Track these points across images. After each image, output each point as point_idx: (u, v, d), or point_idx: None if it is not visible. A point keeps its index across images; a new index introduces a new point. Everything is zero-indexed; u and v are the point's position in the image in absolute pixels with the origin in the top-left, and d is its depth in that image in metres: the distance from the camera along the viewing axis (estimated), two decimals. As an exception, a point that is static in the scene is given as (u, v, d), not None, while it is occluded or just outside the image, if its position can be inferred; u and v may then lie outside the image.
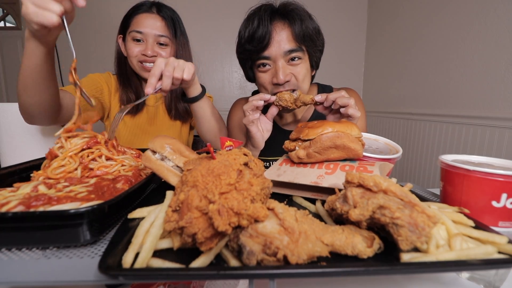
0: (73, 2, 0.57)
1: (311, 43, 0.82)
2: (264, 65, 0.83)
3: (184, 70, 0.70)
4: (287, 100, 0.75)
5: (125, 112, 0.67)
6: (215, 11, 2.41)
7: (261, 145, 0.82)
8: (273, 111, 0.79)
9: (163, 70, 0.67)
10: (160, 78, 0.69)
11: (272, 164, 1.04)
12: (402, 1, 2.02)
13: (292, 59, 0.81)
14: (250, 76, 0.93)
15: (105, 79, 1.05)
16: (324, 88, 1.05)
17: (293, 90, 0.80)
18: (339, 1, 2.47)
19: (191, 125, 1.22)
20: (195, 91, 0.81)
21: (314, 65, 0.90)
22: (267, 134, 0.82)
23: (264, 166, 1.05)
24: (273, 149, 0.96)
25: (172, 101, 1.09)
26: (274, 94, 0.79)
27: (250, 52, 0.82)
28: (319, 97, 0.72)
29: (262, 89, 0.88)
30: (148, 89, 0.67)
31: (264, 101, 0.76)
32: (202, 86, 0.84)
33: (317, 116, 1.04)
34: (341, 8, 2.47)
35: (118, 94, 1.05)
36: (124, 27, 1.02)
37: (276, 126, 1.06)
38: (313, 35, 0.82)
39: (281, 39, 0.79)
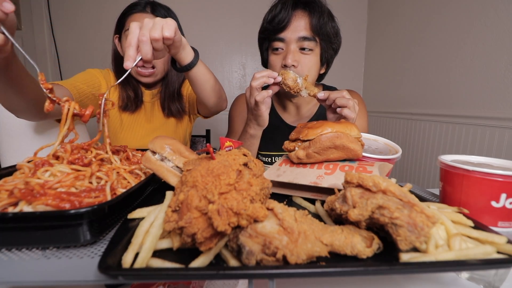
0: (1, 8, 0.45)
1: (326, 38, 0.88)
2: (277, 49, 0.89)
3: (162, 27, 0.58)
4: (290, 86, 0.75)
5: (106, 93, 0.61)
6: (215, 11, 2.40)
7: (266, 122, 0.83)
8: (275, 88, 0.79)
9: (138, 35, 0.57)
10: None
11: (275, 159, 1.08)
12: (402, 1, 2.02)
13: (304, 48, 0.87)
14: (265, 59, 0.99)
15: (104, 76, 1.05)
16: (328, 89, 1.09)
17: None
18: (339, 1, 2.46)
19: (190, 118, 1.21)
20: (186, 56, 0.70)
21: (324, 61, 0.94)
22: (268, 111, 0.82)
23: (268, 161, 1.09)
24: (277, 144, 0.98)
25: (165, 100, 1.10)
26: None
27: (269, 32, 0.88)
28: (321, 95, 0.74)
29: None
30: (127, 62, 0.56)
31: (273, 79, 0.75)
32: (194, 50, 0.73)
33: (321, 114, 1.08)
34: (341, 8, 2.47)
35: (117, 91, 1.06)
36: (120, 27, 1.01)
37: (281, 122, 1.10)
38: (330, 32, 0.88)
39: (298, 25, 0.85)
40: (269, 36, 0.90)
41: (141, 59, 0.59)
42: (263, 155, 1.10)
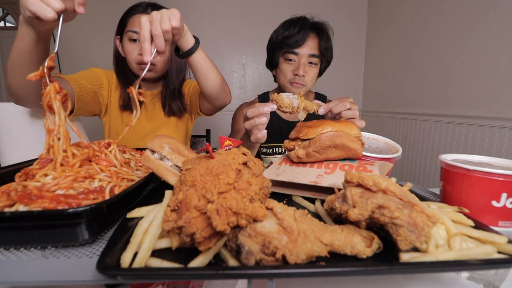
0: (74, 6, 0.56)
1: (325, 54, 1.11)
2: (290, 59, 1.10)
3: (170, 19, 0.64)
4: (288, 111, 0.71)
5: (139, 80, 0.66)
6: (215, 11, 2.40)
7: (264, 140, 0.78)
8: (264, 121, 0.74)
9: (151, 29, 0.63)
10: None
11: (276, 150, 1.19)
12: (402, 1, 2.02)
13: (310, 62, 1.09)
14: (273, 63, 1.16)
15: (107, 75, 1.08)
16: (319, 97, 1.28)
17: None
18: (339, 1, 2.46)
19: (191, 117, 1.22)
20: (187, 42, 0.77)
21: (321, 71, 1.17)
22: (264, 133, 0.76)
23: (269, 152, 1.18)
24: (274, 138, 1.12)
25: (166, 98, 1.12)
26: (287, 85, 1.07)
27: (286, 45, 1.07)
28: (322, 111, 0.72)
29: (281, 76, 1.12)
30: (146, 56, 0.63)
31: (264, 115, 0.71)
32: (195, 38, 0.80)
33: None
34: (341, 8, 2.47)
35: (118, 91, 1.08)
36: (121, 28, 1.04)
37: (276, 117, 1.19)
38: (328, 50, 1.12)
39: (311, 45, 1.07)
40: (284, 48, 1.08)
41: (156, 51, 0.64)
42: (265, 147, 1.19)
